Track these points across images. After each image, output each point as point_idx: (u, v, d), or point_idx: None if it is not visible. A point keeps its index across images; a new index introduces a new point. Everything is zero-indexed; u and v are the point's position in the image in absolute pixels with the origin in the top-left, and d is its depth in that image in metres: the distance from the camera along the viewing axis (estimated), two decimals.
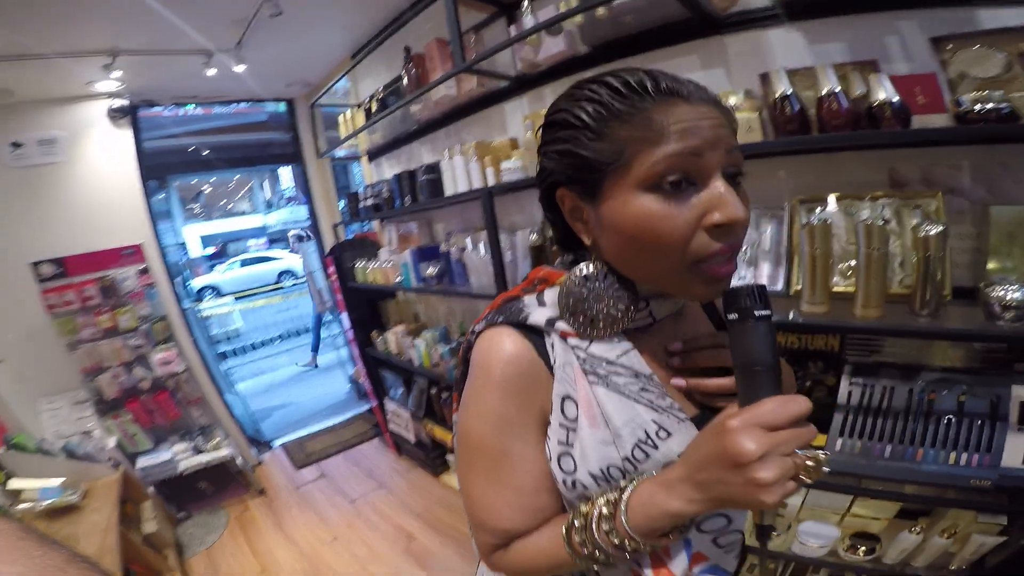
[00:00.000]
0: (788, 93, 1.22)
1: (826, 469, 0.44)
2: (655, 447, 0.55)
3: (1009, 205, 1.14)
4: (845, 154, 1.34)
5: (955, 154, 1.22)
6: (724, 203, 0.48)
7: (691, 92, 0.51)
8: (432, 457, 3.11)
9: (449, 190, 2.29)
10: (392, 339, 3.06)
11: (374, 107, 2.65)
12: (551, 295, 0.60)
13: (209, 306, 7.42)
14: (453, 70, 1.92)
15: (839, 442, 1.30)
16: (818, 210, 1.33)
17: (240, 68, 2.84)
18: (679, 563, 0.56)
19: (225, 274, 14.06)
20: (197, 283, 12.26)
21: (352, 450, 3.67)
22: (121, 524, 2.08)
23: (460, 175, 2.19)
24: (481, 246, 2.19)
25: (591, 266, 0.58)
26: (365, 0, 2.51)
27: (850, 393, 1.34)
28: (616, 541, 0.52)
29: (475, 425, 0.58)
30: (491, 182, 2.06)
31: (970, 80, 1.14)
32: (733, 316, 0.47)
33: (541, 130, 0.59)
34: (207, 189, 20.05)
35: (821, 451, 0.45)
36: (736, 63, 1.51)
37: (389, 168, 3.27)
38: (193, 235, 16.56)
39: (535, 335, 0.58)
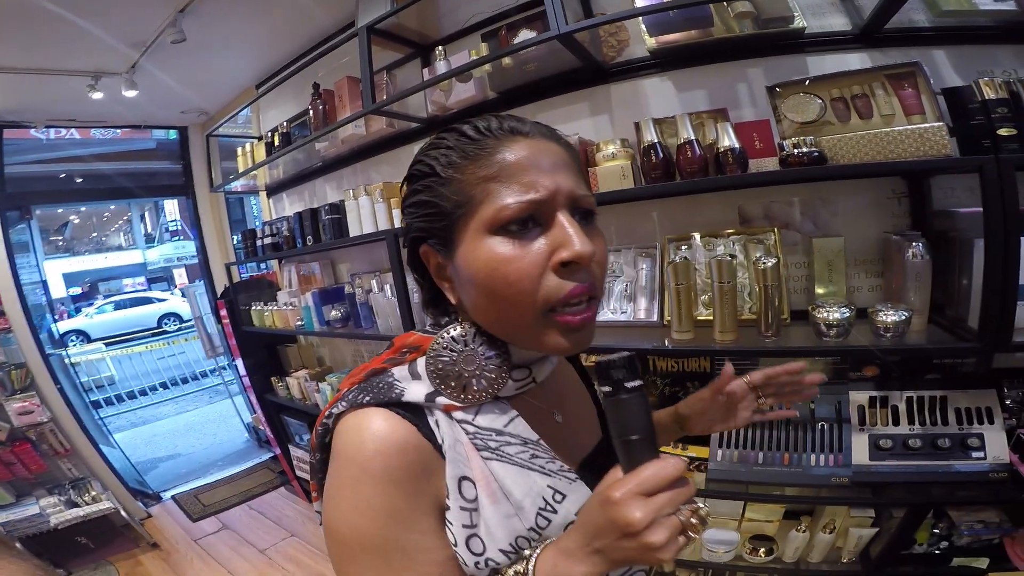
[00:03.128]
0: (655, 142, 1.39)
1: (706, 517, 0.46)
2: (555, 512, 0.55)
3: (828, 237, 1.39)
4: (704, 195, 1.55)
5: (786, 192, 1.46)
6: (568, 240, 0.49)
7: (531, 130, 0.53)
8: None
9: (354, 230, 2.24)
10: (295, 384, 2.92)
11: (277, 141, 2.56)
12: (424, 365, 0.55)
13: (75, 352, 6.54)
14: (363, 110, 1.92)
15: (719, 453, 1.45)
16: (683, 248, 1.53)
17: (131, 93, 2.66)
18: None
19: (94, 318, 12.54)
20: (60, 327, 10.81)
21: (256, 500, 3.43)
22: None
23: (366, 215, 2.16)
24: (388, 288, 2.13)
25: (459, 327, 0.56)
26: (277, 31, 2.44)
27: None
28: None
29: (355, 522, 0.49)
30: (398, 224, 2.03)
31: (792, 125, 1.32)
32: (606, 389, 0.47)
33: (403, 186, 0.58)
34: (74, 220, 17.82)
35: (699, 504, 0.47)
36: (619, 110, 1.68)
37: (290, 205, 3.15)
38: (55, 272, 14.50)
39: (414, 413, 0.52)
